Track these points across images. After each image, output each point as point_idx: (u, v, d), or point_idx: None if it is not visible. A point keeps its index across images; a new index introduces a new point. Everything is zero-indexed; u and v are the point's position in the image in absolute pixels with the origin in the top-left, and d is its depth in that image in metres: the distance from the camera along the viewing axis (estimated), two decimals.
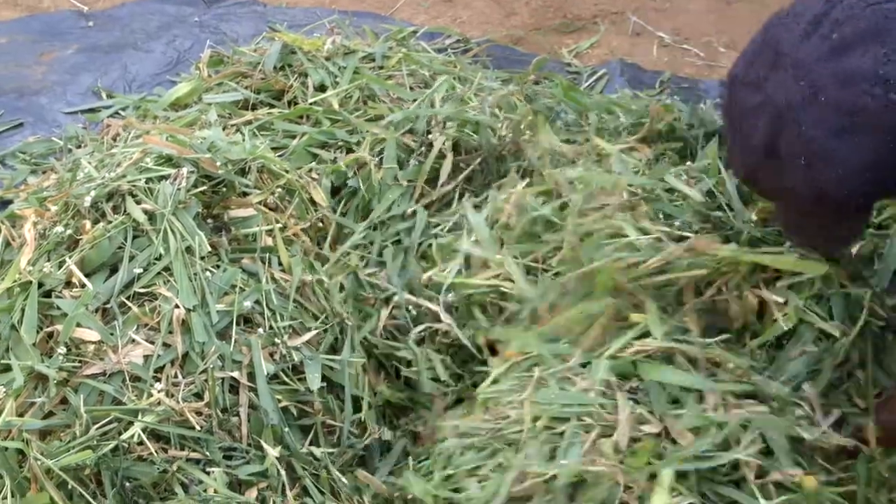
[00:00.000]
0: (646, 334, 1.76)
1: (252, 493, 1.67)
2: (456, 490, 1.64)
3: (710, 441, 1.57)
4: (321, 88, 2.61)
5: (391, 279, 2.12)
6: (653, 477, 1.53)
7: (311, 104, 2.53)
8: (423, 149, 2.35)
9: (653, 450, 1.56)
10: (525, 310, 1.91)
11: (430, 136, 2.36)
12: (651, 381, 1.68)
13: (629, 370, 1.70)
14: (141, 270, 1.85)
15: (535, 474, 1.57)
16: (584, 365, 1.75)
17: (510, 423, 1.69)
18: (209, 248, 1.91)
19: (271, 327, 1.88)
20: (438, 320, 2.02)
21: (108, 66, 3.12)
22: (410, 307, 2.05)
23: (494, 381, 1.82)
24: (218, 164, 2.05)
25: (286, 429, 1.76)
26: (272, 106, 2.61)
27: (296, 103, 2.59)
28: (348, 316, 2.01)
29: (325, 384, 1.86)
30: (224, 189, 2.07)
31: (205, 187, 2.02)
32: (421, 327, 2.03)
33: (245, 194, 2.11)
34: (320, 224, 2.23)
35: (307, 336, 1.91)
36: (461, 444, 1.72)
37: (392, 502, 1.81)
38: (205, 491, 1.63)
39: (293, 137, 2.42)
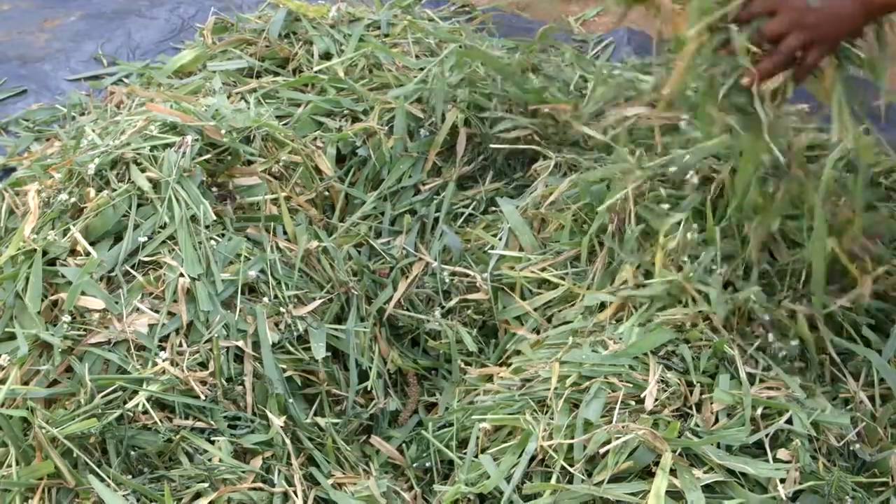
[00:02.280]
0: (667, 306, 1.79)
1: (257, 462, 1.66)
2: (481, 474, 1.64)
3: (739, 419, 1.58)
4: (326, 56, 2.59)
5: (416, 249, 2.13)
6: (682, 450, 1.53)
7: (316, 72, 2.51)
8: (432, 119, 2.34)
9: (683, 425, 1.57)
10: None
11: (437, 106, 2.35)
12: (685, 349, 1.69)
13: (665, 337, 1.71)
14: (145, 239, 1.84)
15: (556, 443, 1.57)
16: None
17: (540, 382, 1.69)
18: (214, 217, 1.90)
19: (276, 296, 1.88)
20: (470, 292, 2.02)
21: (111, 33, 3.10)
22: (447, 277, 2.05)
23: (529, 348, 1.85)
24: (222, 132, 2.04)
25: (290, 399, 1.76)
26: (277, 74, 2.59)
27: (300, 71, 2.57)
28: (354, 285, 2.01)
29: (330, 353, 1.86)
30: (229, 157, 2.05)
31: (209, 155, 2.01)
32: (454, 301, 2.03)
33: (250, 163, 2.10)
34: (326, 193, 2.22)
35: (312, 305, 1.91)
36: (490, 400, 1.73)
37: (403, 470, 1.82)
38: (209, 460, 1.63)
39: (298, 106, 2.40)
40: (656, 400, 1.60)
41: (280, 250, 1.97)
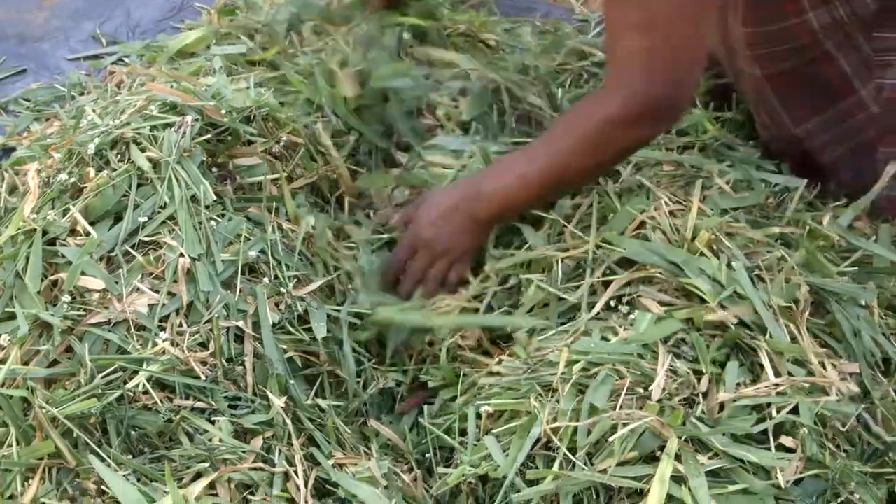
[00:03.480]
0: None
1: (258, 443, 1.66)
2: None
3: (745, 410, 1.57)
4: None
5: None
6: (689, 437, 1.53)
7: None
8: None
9: (688, 412, 1.56)
10: None
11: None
12: (695, 336, 1.67)
13: (675, 326, 1.69)
14: (146, 219, 1.84)
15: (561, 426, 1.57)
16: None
17: (546, 365, 1.69)
18: (214, 197, 1.89)
19: (277, 277, 1.87)
20: None
21: (110, 12, 3.08)
22: None
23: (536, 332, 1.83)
24: (223, 111, 2.03)
25: (291, 380, 1.75)
26: (277, 68, 2.53)
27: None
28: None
29: (331, 334, 1.86)
30: (229, 137, 2.04)
31: (209, 135, 2.00)
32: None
33: (250, 143, 2.09)
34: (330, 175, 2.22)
35: (313, 286, 1.91)
36: (496, 383, 1.73)
37: (403, 453, 1.82)
38: (210, 440, 1.63)
39: (299, 91, 2.38)
40: (664, 390, 1.59)
41: (281, 230, 1.96)
